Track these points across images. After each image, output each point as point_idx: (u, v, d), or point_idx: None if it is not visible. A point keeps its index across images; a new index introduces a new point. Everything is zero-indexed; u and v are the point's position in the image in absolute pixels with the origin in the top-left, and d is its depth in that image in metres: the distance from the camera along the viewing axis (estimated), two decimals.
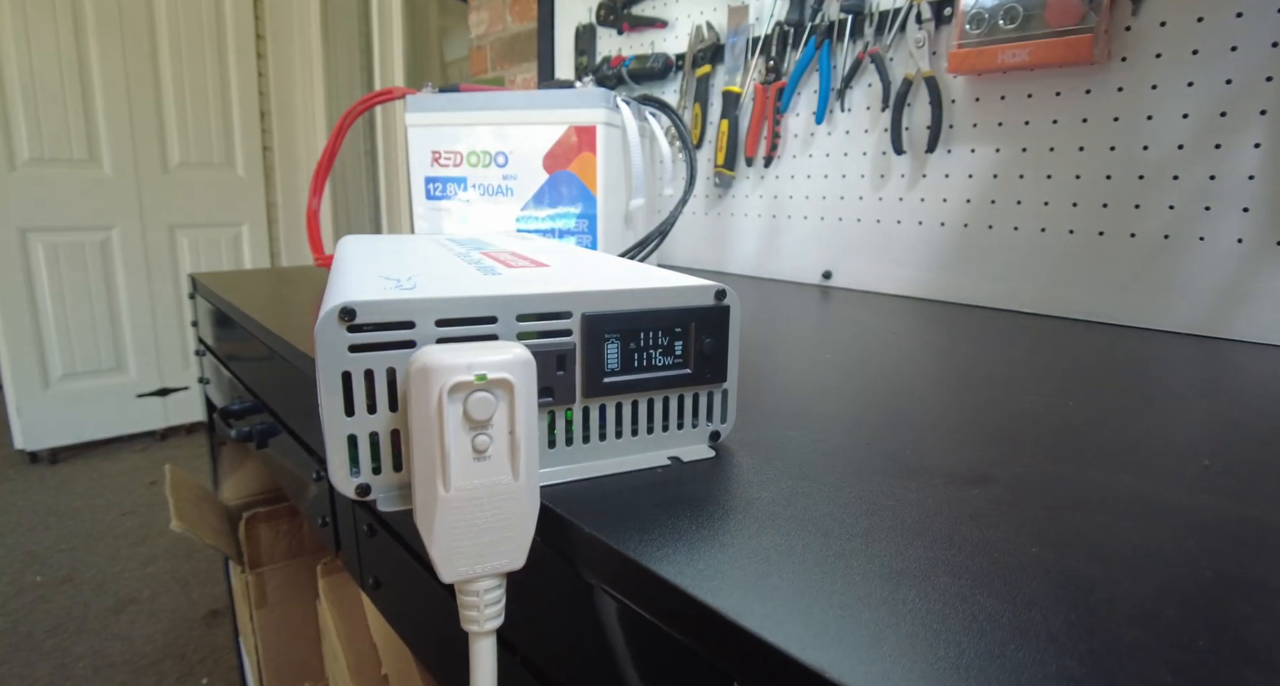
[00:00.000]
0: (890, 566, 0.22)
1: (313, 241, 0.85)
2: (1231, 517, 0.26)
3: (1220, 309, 0.59)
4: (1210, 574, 0.22)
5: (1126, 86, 0.63)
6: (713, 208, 1.03)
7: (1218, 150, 0.58)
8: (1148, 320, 0.63)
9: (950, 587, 0.21)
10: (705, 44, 0.99)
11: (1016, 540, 0.24)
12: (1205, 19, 0.58)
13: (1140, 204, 0.63)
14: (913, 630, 0.19)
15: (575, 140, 0.76)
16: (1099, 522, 0.25)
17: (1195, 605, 0.20)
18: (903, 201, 0.81)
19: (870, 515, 0.25)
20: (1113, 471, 0.30)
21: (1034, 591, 0.21)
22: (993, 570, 0.22)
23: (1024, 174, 0.70)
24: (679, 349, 0.30)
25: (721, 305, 0.31)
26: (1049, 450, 0.32)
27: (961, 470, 0.30)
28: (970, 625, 0.19)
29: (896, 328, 0.64)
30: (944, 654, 0.18)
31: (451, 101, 0.76)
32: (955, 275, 0.76)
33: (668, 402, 0.31)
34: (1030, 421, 0.37)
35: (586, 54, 1.19)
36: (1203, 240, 0.59)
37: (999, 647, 0.18)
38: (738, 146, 0.97)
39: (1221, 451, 0.33)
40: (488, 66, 1.58)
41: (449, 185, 0.79)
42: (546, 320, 0.27)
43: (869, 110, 0.83)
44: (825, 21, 0.84)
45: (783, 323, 0.64)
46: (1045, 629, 0.19)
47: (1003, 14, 0.66)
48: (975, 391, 0.42)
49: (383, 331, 0.25)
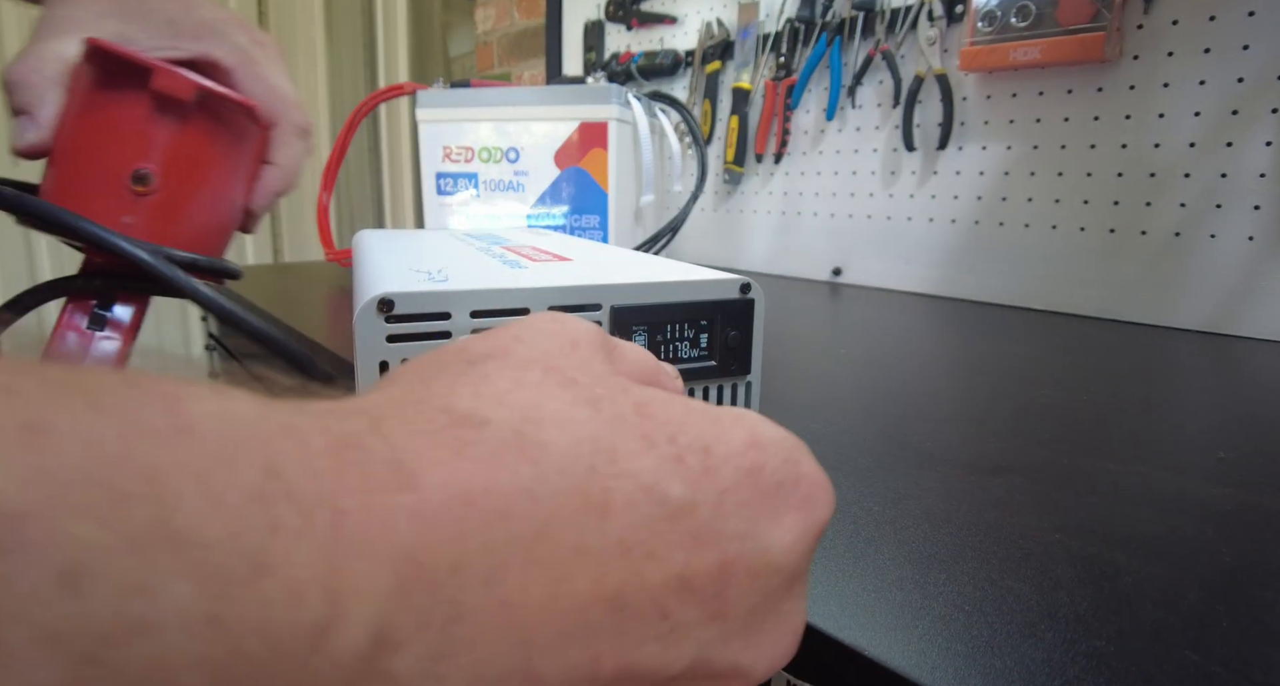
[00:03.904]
0: (919, 551, 0.22)
1: (323, 236, 0.86)
2: (1249, 507, 0.26)
3: (1231, 306, 0.59)
4: (1230, 560, 0.22)
5: (1138, 84, 0.63)
6: (722, 204, 1.04)
7: (1229, 148, 0.58)
8: (1158, 317, 0.63)
9: (978, 571, 0.21)
10: (715, 40, 0.99)
11: (1039, 527, 0.24)
12: (1217, 17, 0.58)
13: (1151, 201, 0.63)
14: (945, 611, 0.19)
15: (587, 136, 0.77)
16: (1119, 511, 0.26)
17: (1216, 589, 0.21)
18: (913, 198, 0.81)
19: (896, 504, 0.26)
20: (1129, 463, 0.31)
21: (1059, 575, 0.21)
22: (1018, 555, 0.22)
23: (1035, 171, 0.70)
24: (704, 342, 0.31)
25: (746, 298, 0.31)
26: (1066, 442, 0.33)
27: (981, 461, 0.30)
28: (1000, 607, 0.19)
29: (908, 324, 0.64)
30: (977, 634, 0.18)
31: (463, 97, 0.76)
32: (966, 272, 0.77)
33: (692, 395, 0.31)
34: (1045, 415, 0.37)
35: (595, 50, 1.20)
36: (1214, 238, 0.60)
37: (1029, 628, 0.18)
38: (748, 143, 0.98)
39: (1237, 445, 0.33)
40: (494, 63, 1.58)
41: (460, 181, 0.79)
42: (577, 312, 0.28)
43: (880, 107, 0.83)
44: (836, 18, 0.84)
45: (795, 319, 0.65)
46: (1073, 610, 0.19)
47: (1015, 12, 0.66)
48: (989, 386, 0.43)
49: (419, 322, 0.25)
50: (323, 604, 0.08)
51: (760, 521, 0.13)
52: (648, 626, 0.11)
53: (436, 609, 0.09)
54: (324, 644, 0.08)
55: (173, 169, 0.28)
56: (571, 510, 0.11)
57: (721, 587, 0.12)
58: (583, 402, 0.12)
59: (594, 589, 0.11)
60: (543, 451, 0.11)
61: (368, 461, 0.10)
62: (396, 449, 0.10)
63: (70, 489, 0.07)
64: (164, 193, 0.28)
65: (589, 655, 0.11)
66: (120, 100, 0.28)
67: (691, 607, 0.12)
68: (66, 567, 0.07)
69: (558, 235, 0.54)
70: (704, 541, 0.12)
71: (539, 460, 0.11)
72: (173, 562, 0.07)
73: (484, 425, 0.11)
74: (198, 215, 0.30)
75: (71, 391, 0.08)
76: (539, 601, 0.10)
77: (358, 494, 0.09)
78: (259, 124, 0.32)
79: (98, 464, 0.07)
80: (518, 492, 0.11)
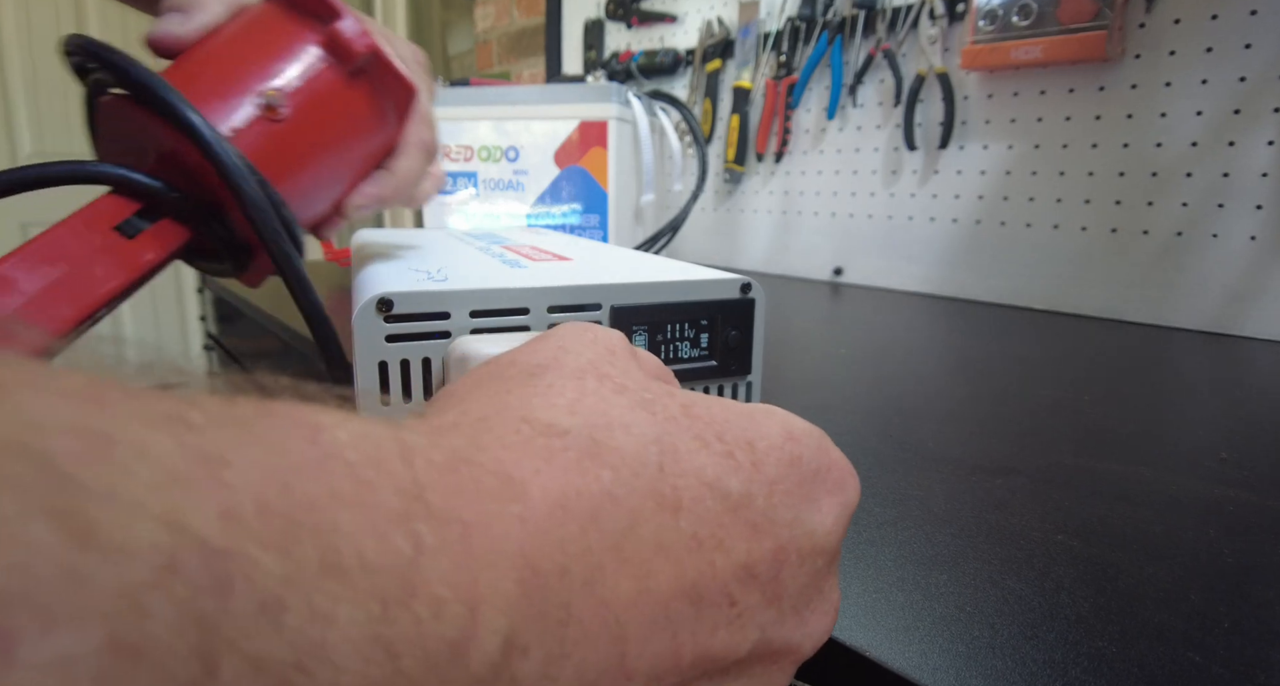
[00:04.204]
0: (920, 552, 0.22)
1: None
2: (1251, 508, 0.26)
3: (1233, 306, 0.59)
4: (1232, 561, 0.22)
5: (1140, 83, 0.63)
6: (722, 203, 1.04)
7: (1231, 147, 0.58)
8: (1160, 317, 0.63)
9: (980, 572, 0.21)
10: (715, 39, 0.99)
11: (1041, 528, 0.24)
12: (1219, 16, 0.58)
13: (1153, 201, 0.63)
14: (947, 612, 0.19)
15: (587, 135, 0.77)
16: (1121, 512, 0.26)
17: (1219, 590, 0.21)
18: (915, 198, 0.81)
19: (897, 504, 0.26)
20: (1131, 463, 0.30)
21: (1061, 576, 0.21)
22: (1020, 556, 0.22)
23: (1037, 171, 0.70)
24: (704, 341, 0.31)
25: (747, 298, 0.31)
26: (1067, 443, 0.33)
27: (982, 461, 0.30)
28: (1002, 608, 0.19)
29: (909, 324, 0.64)
30: (979, 635, 0.18)
31: (462, 96, 0.76)
32: (967, 272, 0.77)
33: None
34: (1047, 415, 0.37)
35: (595, 49, 1.19)
36: (1216, 237, 0.60)
37: (1031, 629, 0.18)
38: (748, 142, 0.98)
39: (1238, 445, 0.33)
40: (493, 61, 1.58)
41: (459, 180, 0.79)
42: (577, 312, 0.28)
43: (881, 106, 0.83)
44: (837, 17, 0.84)
45: (795, 318, 0.65)
46: (1075, 611, 0.19)
47: (1016, 10, 0.66)
48: (990, 386, 0.43)
49: (419, 322, 0.25)
50: (463, 617, 0.09)
51: (804, 507, 0.14)
52: (719, 614, 0.12)
53: (552, 613, 0.10)
54: (464, 655, 0.09)
55: (304, 113, 0.25)
56: (649, 510, 0.12)
57: (777, 571, 0.13)
58: (638, 407, 0.13)
59: (674, 582, 0.12)
60: (618, 456, 0.12)
61: (480, 475, 0.10)
62: (499, 461, 0.11)
63: (255, 522, 0.07)
64: (285, 127, 0.25)
65: (672, 646, 0.12)
66: (290, 26, 0.26)
67: (754, 593, 0.13)
68: (265, 599, 0.07)
69: (557, 234, 0.54)
70: (761, 530, 0.13)
71: (617, 465, 0.12)
72: (343, 589, 0.08)
73: (565, 434, 0.12)
74: (302, 173, 0.27)
75: (231, 423, 0.08)
76: (629, 598, 0.11)
77: (477, 506, 0.10)
78: (400, 116, 0.29)
79: (272, 496, 0.08)
80: (603, 495, 0.11)
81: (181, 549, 0.07)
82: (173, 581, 0.07)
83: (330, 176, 0.29)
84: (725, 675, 0.13)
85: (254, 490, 0.08)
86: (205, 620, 0.07)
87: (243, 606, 0.07)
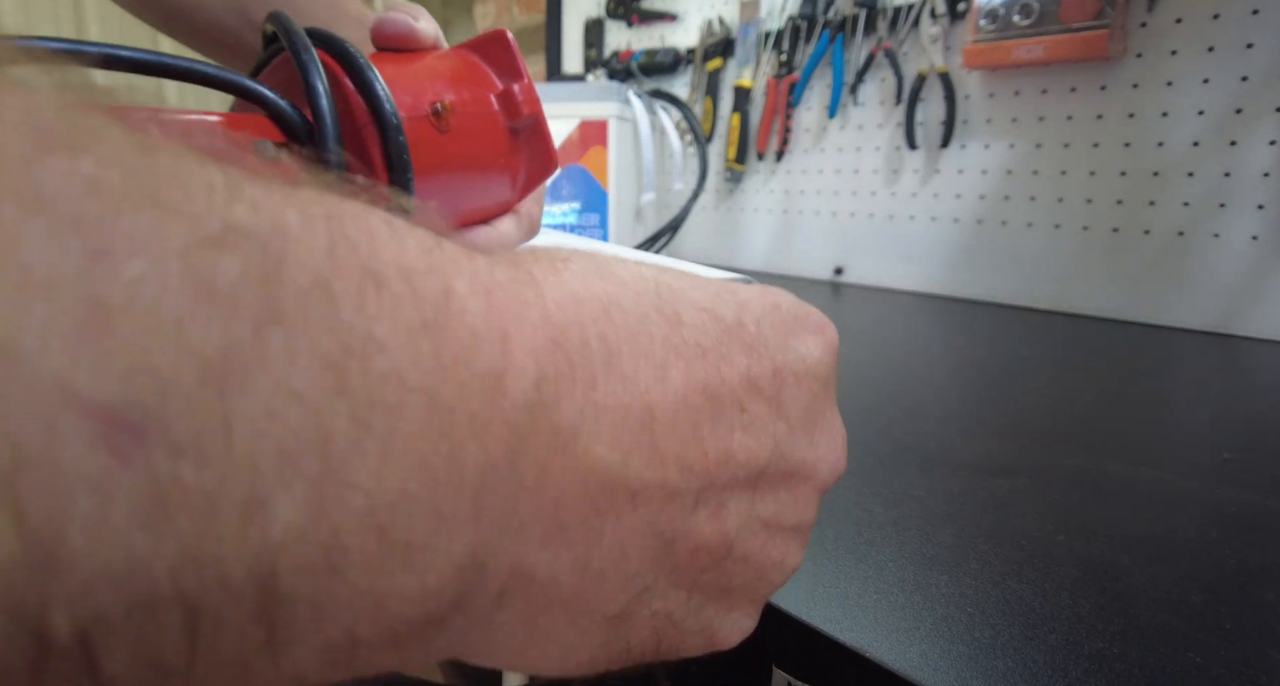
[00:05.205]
0: (921, 553, 0.22)
1: None
2: (1253, 509, 0.26)
3: (1234, 306, 0.59)
4: (1234, 562, 0.22)
5: (1142, 83, 0.63)
6: (723, 202, 1.04)
7: (1233, 147, 0.58)
8: (1162, 317, 0.63)
9: (981, 573, 0.21)
10: (716, 38, 0.99)
11: (1043, 528, 0.24)
12: (1221, 15, 0.58)
13: (1155, 200, 0.63)
14: (948, 613, 0.19)
15: (587, 134, 0.77)
16: (1123, 512, 0.26)
17: (1220, 591, 0.21)
18: (916, 197, 0.81)
19: (898, 504, 0.26)
20: (1133, 464, 0.30)
21: (1063, 577, 0.21)
22: (1021, 557, 0.22)
23: (1038, 170, 0.70)
24: None
25: None
26: (1069, 443, 0.33)
27: (983, 461, 0.30)
28: (1003, 608, 0.19)
29: (910, 323, 0.64)
30: (980, 635, 0.18)
31: None
32: (968, 272, 0.77)
33: None
34: (1048, 415, 0.37)
35: (595, 47, 1.19)
36: (1217, 237, 0.59)
37: (1032, 630, 0.18)
38: (749, 141, 0.98)
39: (1241, 446, 0.33)
40: None
41: None
42: None
43: (882, 105, 0.83)
44: (838, 16, 0.84)
45: None
46: (1076, 612, 0.19)
47: (1018, 9, 0.66)
48: (991, 386, 0.43)
49: None
50: (497, 349, 0.09)
51: (791, 339, 0.15)
52: (734, 417, 0.13)
53: (579, 375, 0.11)
54: (503, 384, 0.09)
55: (461, 136, 0.28)
56: (655, 318, 0.12)
57: (778, 389, 0.14)
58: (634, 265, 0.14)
59: (687, 379, 0.12)
60: (619, 278, 0.13)
61: (497, 265, 0.11)
62: (514, 265, 0.11)
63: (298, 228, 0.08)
64: (442, 138, 0.27)
65: (695, 436, 0.12)
66: (480, 71, 0.30)
67: (760, 404, 0.14)
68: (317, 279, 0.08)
69: (557, 233, 0.54)
70: (756, 352, 0.14)
71: (620, 281, 0.13)
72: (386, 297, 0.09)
73: (569, 260, 0.13)
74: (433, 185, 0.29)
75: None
76: (649, 382, 0.12)
77: (503, 279, 0.11)
78: (529, 182, 0.32)
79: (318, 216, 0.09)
80: (610, 300, 0.12)
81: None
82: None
83: (451, 203, 0.31)
84: (754, 490, 0.14)
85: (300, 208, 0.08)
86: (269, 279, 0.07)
87: (295, 280, 0.08)
